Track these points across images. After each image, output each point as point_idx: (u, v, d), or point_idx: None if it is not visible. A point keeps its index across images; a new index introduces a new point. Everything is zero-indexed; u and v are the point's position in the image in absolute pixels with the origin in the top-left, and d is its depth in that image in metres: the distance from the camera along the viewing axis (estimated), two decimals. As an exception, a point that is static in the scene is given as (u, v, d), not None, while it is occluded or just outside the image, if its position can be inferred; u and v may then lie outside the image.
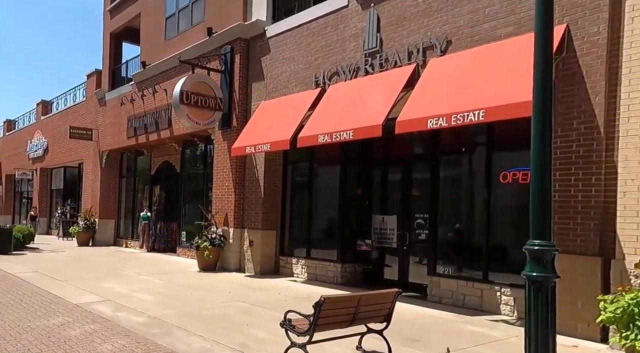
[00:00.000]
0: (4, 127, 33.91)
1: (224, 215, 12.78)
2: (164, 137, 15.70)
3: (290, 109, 10.69)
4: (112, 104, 19.10)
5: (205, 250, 12.22)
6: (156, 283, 10.26)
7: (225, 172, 12.83)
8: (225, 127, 12.85)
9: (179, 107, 11.95)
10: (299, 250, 11.68)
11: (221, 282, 10.71)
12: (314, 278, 10.97)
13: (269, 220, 12.05)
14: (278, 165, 12.16)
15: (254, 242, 12.07)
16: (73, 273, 11.43)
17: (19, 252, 15.93)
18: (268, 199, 12.03)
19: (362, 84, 9.31)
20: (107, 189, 19.93)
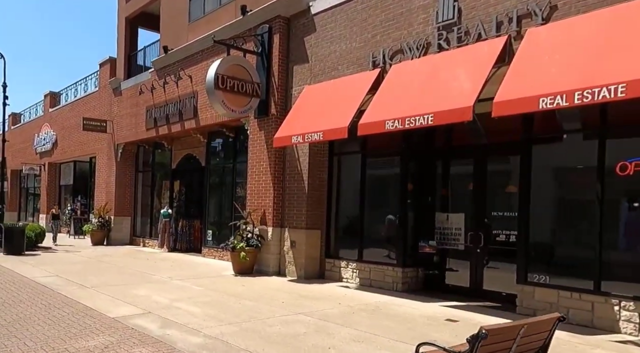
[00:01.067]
0: (10, 121, 32.66)
1: (261, 212, 11.58)
2: (189, 128, 14.48)
3: (344, 93, 9.47)
4: (128, 93, 17.87)
5: (242, 252, 11.03)
6: (195, 291, 9.07)
7: (262, 166, 11.62)
8: (262, 115, 11.63)
9: (213, 93, 10.72)
10: (348, 252, 10.49)
11: (266, 288, 9.52)
12: (367, 283, 9.78)
13: (313, 218, 10.85)
14: (323, 158, 10.94)
15: (296, 243, 10.87)
16: (98, 278, 10.25)
17: (32, 252, 14.75)
18: (312, 195, 10.82)
19: (436, 62, 8.09)
20: (123, 185, 18.73)
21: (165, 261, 13.61)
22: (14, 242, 14.09)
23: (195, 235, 16.50)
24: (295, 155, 11.05)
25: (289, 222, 11.16)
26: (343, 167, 10.98)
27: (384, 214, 10.03)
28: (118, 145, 18.52)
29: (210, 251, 14.47)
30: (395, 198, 9.67)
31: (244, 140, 13.71)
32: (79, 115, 21.76)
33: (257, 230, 11.49)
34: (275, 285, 9.86)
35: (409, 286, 9.31)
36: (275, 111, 11.37)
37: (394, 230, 9.64)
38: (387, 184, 10.08)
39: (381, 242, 10.03)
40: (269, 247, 11.29)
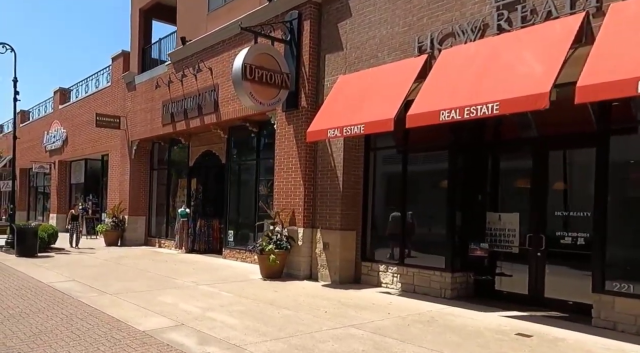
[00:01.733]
0: (18, 118, 32.03)
1: (290, 212, 10.82)
2: (209, 123, 13.73)
3: (386, 82, 8.68)
4: (143, 88, 17.15)
5: (271, 255, 10.27)
6: (226, 298, 8.32)
7: (292, 162, 10.85)
8: (291, 108, 10.86)
9: (240, 84, 9.95)
10: (387, 255, 9.71)
11: (300, 294, 8.76)
12: (410, 289, 9.00)
13: (348, 218, 10.08)
14: (358, 153, 10.17)
15: (330, 245, 10.11)
16: (119, 283, 9.52)
17: (45, 254, 14.06)
18: (347, 193, 10.05)
19: (496, 45, 7.28)
20: (137, 183, 18.03)
21: (185, 263, 12.88)
22: (27, 243, 13.41)
23: (214, 235, 15.79)
24: (328, 151, 10.27)
25: (321, 222, 10.39)
26: (380, 163, 10.21)
27: (428, 214, 9.26)
28: (132, 142, 17.81)
29: (232, 253, 13.73)
30: (441, 197, 8.88)
31: (269, 135, 12.98)
32: (90, 111, 21.12)
33: (285, 231, 10.73)
34: (310, 291, 9.10)
35: (458, 293, 8.53)
36: (306, 103, 10.59)
37: (441, 231, 8.84)
38: (431, 181, 9.29)
39: (426, 244, 9.25)
40: (300, 249, 10.53)
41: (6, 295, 8.25)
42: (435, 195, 9.14)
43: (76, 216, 16.53)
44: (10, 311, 7.13)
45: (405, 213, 9.38)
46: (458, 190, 8.64)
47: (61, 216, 24.61)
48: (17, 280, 9.72)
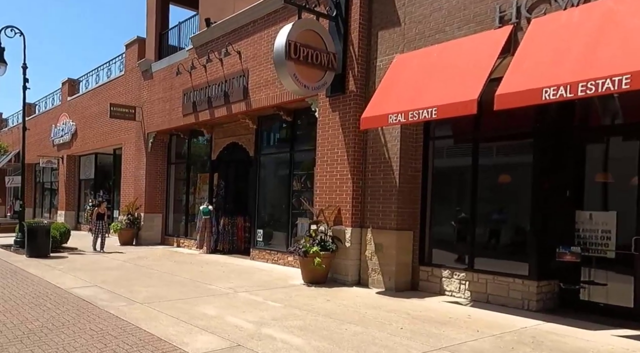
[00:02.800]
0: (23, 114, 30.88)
1: (335, 210, 9.65)
2: (237, 112, 12.56)
3: (460, 59, 7.49)
4: (160, 75, 15.98)
5: (317, 258, 9.10)
6: (276, 309, 7.16)
7: (337, 153, 9.68)
8: (337, 92, 9.67)
9: (283, 64, 8.77)
10: (452, 259, 8.54)
11: (359, 305, 7.59)
12: (483, 299, 7.83)
13: (404, 216, 8.91)
14: (417, 143, 8.99)
15: (384, 247, 8.94)
16: (146, 289, 8.37)
17: (58, 255, 12.93)
18: (404, 188, 8.88)
19: (608, 9, 6.09)
20: (154, 178, 16.89)
21: (212, 265, 11.73)
22: (38, 243, 12.27)
23: (238, 234, 14.65)
24: (382, 140, 9.10)
25: (373, 221, 9.22)
26: (442, 154, 9.04)
27: (505, 212, 8.08)
28: (148, 134, 16.65)
29: (261, 254, 12.58)
30: (522, 192, 7.71)
31: (305, 124, 11.85)
32: (102, 102, 20.02)
33: (330, 231, 9.57)
34: (366, 300, 7.93)
35: (544, 304, 7.35)
36: (355, 87, 9.41)
37: (522, 233, 7.68)
38: (510, 174, 8.10)
39: (502, 247, 8.08)
40: (347, 252, 9.36)
41: (22, 304, 7.11)
42: (514, 190, 7.96)
43: (102, 215, 14.32)
44: (29, 325, 5.99)
45: (475, 211, 8.19)
46: (543, 184, 7.44)
47: (69, 213, 23.58)
48: (32, 286, 8.58)
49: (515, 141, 7.92)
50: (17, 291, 8.09)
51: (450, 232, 8.85)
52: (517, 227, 7.86)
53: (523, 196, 7.66)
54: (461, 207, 8.58)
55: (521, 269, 7.46)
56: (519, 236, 7.71)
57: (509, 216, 8.04)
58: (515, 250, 7.76)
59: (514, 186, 7.98)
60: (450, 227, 8.84)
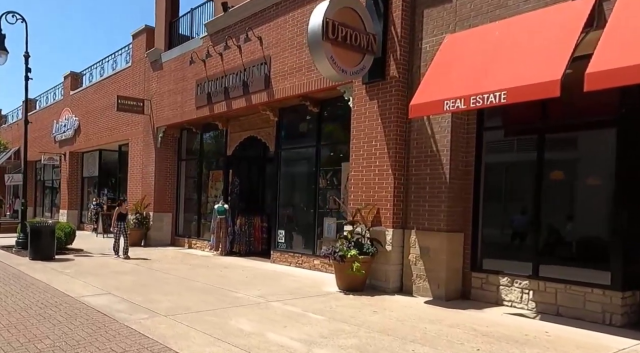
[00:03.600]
0: (23, 108, 29.85)
1: (372, 209, 8.70)
2: (257, 102, 11.60)
3: (531, 36, 6.55)
4: (171, 66, 15.01)
5: (355, 262, 8.15)
6: (321, 323, 6.21)
7: (375, 146, 8.73)
8: (376, 78, 8.72)
9: (320, 46, 7.81)
10: (512, 265, 7.57)
11: (412, 318, 6.64)
12: (552, 310, 6.89)
13: (454, 216, 7.97)
14: (468, 134, 8.04)
15: (431, 250, 8.00)
16: (167, 298, 7.41)
17: (63, 257, 11.96)
18: (454, 185, 7.93)
19: None
20: (164, 175, 15.93)
21: (232, 269, 10.78)
22: (42, 244, 11.30)
23: (255, 235, 13.73)
24: (428, 131, 8.15)
25: (417, 221, 8.28)
26: (499, 146, 8.10)
27: (578, 212, 7.14)
28: (158, 128, 15.68)
29: (283, 256, 11.63)
30: (601, 190, 6.77)
31: (333, 116, 10.95)
32: (107, 96, 19.07)
33: (368, 233, 8.63)
34: (418, 312, 6.98)
35: (629, 318, 6.41)
36: (397, 72, 8.46)
37: (601, 236, 6.74)
38: (585, 170, 7.16)
39: (576, 252, 7.10)
40: (387, 255, 8.42)
41: (29, 317, 6.16)
42: (591, 187, 7.01)
43: (124, 215, 12.73)
44: (38, 345, 5.04)
45: (540, 211, 7.23)
46: (628, 180, 6.49)
47: (72, 212, 22.61)
48: (39, 293, 7.61)
49: (592, 131, 6.94)
50: (22, 300, 7.13)
51: (507, 235, 7.91)
52: (594, 230, 6.92)
53: (602, 194, 6.73)
54: (521, 206, 7.64)
55: (601, 278, 6.51)
56: (597, 240, 6.77)
57: (583, 217, 7.09)
58: (592, 255, 6.81)
59: (590, 183, 7.03)
60: (507, 228, 7.90)
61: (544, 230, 7.23)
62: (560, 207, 7.23)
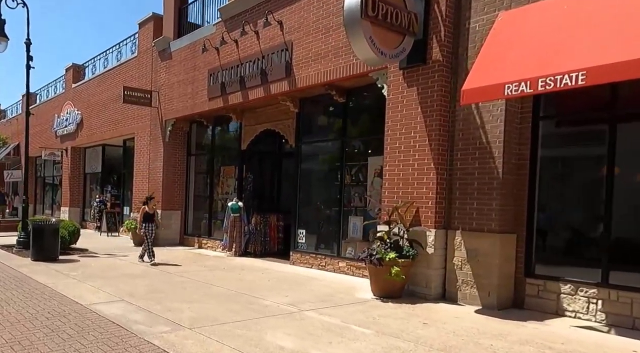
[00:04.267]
0: (23, 102, 28.94)
1: (410, 207, 7.89)
2: (277, 92, 10.77)
3: (609, 8, 5.73)
4: (181, 55, 14.17)
5: (394, 266, 7.34)
6: (367, 338, 5.40)
7: (414, 138, 7.91)
8: (416, 62, 7.89)
9: (358, 24, 6.98)
10: (574, 271, 6.74)
11: (471, 331, 5.84)
12: (627, 323, 6.08)
13: (506, 216, 7.16)
14: (522, 124, 7.22)
15: (480, 253, 7.18)
16: (188, 306, 6.59)
17: (67, 258, 11.15)
18: (507, 181, 7.12)
19: None
20: (172, 171, 15.11)
21: (251, 272, 9.97)
22: (45, 244, 10.49)
23: (271, 234, 12.93)
24: (477, 121, 7.33)
25: (463, 221, 7.46)
26: (558, 138, 7.28)
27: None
28: (166, 121, 14.85)
29: (304, 257, 10.82)
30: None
31: (360, 106, 10.26)
32: (111, 88, 18.24)
33: (406, 234, 7.82)
34: (474, 324, 6.18)
35: None
36: (440, 56, 7.63)
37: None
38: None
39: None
40: (430, 259, 7.61)
41: (34, 330, 5.34)
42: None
43: (152, 216, 11.06)
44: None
45: (610, 211, 6.41)
46: None
47: (74, 210, 21.79)
48: (44, 301, 6.79)
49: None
50: (25, 309, 6.31)
51: (567, 237, 7.10)
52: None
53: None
54: (585, 204, 6.82)
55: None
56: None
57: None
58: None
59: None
60: (567, 229, 7.09)
61: (616, 231, 6.41)
62: (635, 206, 6.41)
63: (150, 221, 11.00)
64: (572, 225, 7.03)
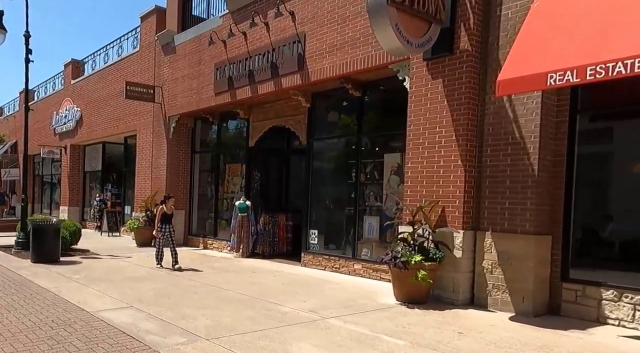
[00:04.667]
0: (20, 99, 28.35)
1: (435, 207, 7.43)
2: (288, 86, 10.29)
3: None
4: (186, 48, 13.67)
5: (421, 270, 6.87)
6: (400, 349, 4.95)
7: (441, 133, 7.45)
8: (442, 52, 7.41)
9: (383, 11, 6.51)
10: (618, 276, 6.28)
11: (511, 341, 5.38)
12: (676, 330, 5.64)
13: (541, 216, 6.70)
14: (558, 118, 6.76)
15: (513, 255, 6.72)
16: (203, 313, 6.11)
17: (69, 259, 10.67)
18: (542, 179, 6.67)
19: None
20: (176, 169, 14.62)
21: (262, 274, 9.50)
22: (46, 245, 10.00)
23: (280, 235, 12.46)
24: (509, 115, 6.87)
25: (494, 221, 7.00)
26: (597, 133, 6.82)
27: None
28: (170, 117, 14.37)
29: (317, 259, 10.36)
30: None
31: (377, 100, 9.88)
32: (112, 84, 17.74)
33: (430, 235, 7.36)
34: (511, 333, 5.72)
35: None
36: (469, 45, 7.17)
37: None
38: None
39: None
40: (457, 262, 7.15)
41: (38, 341, 4.87)
42: None
43: (170, 216, 10.14)
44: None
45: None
46: None
47: (73, 209, 21.26)
48: (47, 307, 6.30)
49: None
50: (27, 316, 5.82)
51: (607, 239, 6.62)
52: None
53: None
54: (629, 204, 6.36)
55: None
56: None
57: None
58: None
59: None
60: (607, 231, 6.62)
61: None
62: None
63: (168, 222, 10.11)
64: (613, 227, 6.58)
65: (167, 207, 10.11)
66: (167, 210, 10.10)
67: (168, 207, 10.12)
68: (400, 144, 9.07)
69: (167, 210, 10.10)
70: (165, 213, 10.09)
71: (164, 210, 10.08)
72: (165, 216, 10.09)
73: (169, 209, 10.17)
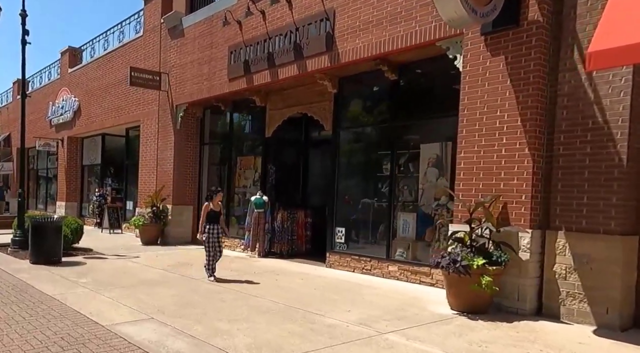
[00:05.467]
0: (14, 90, 27.15)
1: (496, 202, 6.49)
2: (315, 69, 9.31)
3: None
4: (195, 32, 12.63)
5: (485, 276, 5.94)
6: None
7: (503, 118, 6.50)
8: (506, 24, 6.46)
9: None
10: None
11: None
12: None
13: (628, 214, 5.78)
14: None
15: (594, 259, 5.80)
16: (238, 328, 5.16)
17: (71, 259, 9.68)
18: (632, 170, 5.74)
19: None
20: (184, 162, 13.61)
21: (286, 277, 8.55)
22: (46, 244, 8.99)
23: (299, 232, 11.52)
24: (589, 96, 5.93)
25: (569, 219, 6.07)
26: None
27: None
28: (177, 107, 13.34)
29: (344, 259, 9.43)
30: None
31: (415, 84, 8.93)
32: (112, 72, 16.70)
33: (493, 235, 6.43)
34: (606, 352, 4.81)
35: None
36: (540, 15, 6.21)
37: None
38: None
39: None
40: (523, 266, 6.23)
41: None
42: None
43: (217, 215, 8.41)
44: None
45: None
46: None
47: (70, 205, 20.19)
48: (54, 320, 5.31)
49: None
50: (32, 333, 4.84)
51: None
52: None
53: None
54: None
55: None
56: None
57: None
58: None
59: None
60: None
61: None
62: None
63: (216, 222, 8.34)
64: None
65: (214, 204, 8.37)
66: (214, 206, 8.35)
67: (215, 203, 8.39)
68: (440, 132, 8.18)
69: (214, 207, 8.35)
70: (212, 210, 8.33)
71: (210, 207, 8.32)
72: (212, 214, 8.34)
73: (217, 206, 8.43)
